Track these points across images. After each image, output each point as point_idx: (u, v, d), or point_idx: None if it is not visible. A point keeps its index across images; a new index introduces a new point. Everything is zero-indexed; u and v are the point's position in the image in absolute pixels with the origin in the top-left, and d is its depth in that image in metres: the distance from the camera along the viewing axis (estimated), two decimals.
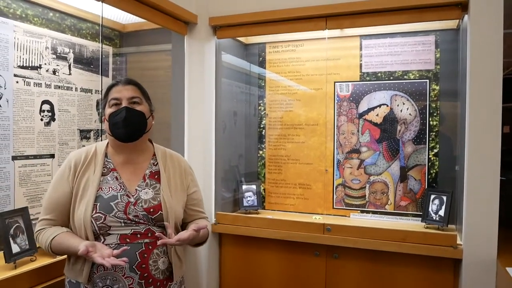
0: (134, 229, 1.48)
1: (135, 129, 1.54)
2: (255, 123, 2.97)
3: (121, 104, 1.53)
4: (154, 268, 1.48)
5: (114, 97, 1.55)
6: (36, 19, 2.07)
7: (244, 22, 2.51)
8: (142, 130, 1.56)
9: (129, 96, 1.54)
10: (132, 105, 1.54)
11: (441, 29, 2.45)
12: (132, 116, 1.52)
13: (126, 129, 1.51)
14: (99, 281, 1.44)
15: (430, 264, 2.17)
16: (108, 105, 1.56)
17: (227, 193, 2.81)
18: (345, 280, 2.35)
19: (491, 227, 1.96)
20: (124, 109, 1.51)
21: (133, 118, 1.52)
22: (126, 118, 1.50)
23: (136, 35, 2.73)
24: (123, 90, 1.55)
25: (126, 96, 1.54)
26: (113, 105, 1.54)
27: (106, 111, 1.56)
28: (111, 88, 1.58)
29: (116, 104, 1.54)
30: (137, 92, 1.58)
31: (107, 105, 1.57)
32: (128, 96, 1.54)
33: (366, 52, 2.63)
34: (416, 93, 2.51)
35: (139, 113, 1.54)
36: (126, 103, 1.53)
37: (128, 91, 1.56)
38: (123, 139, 1.53)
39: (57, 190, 1.52)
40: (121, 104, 1.53)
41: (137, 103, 1.56)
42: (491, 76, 1.96)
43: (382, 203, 2.60)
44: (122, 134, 1.52)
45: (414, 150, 2.52)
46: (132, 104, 1.55)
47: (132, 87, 1.58)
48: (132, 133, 1.53)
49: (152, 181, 1.58)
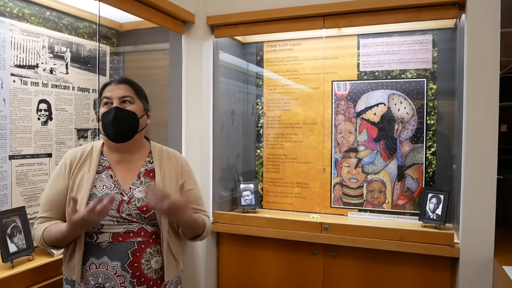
0: (127, 227, 1.47)
1: (125, 129, 1.52)
2: (253, 122, 2.96)
3: (112, 103, 1.52)
4: (146, 267, 1.47)
5: (105, 96, 1.54)
6: (33, 18, 2.06)
7: (242, 21, 2.51)
8: (133, 130, 1.55)
9: (120, 95, 1.53)
10: (123, 104, 1.53)
11: (439, 28, 2.46)
12: (122, 116, 1.50)
13: (115, 129, 1.50)
14: (91, 279, 1.43)
15: (427, 262, 2.17)
16: (102, 104, 1.55)
17: (225, 192, 2.81)
18: (343, 279, 2.36)
19: (488, 225, 1.97)
20: (114, 109, 1.50)
21: (123, 118, 1.51)
22: (115, 118, 1.49)
23: (133, 34, 2.72)
24: (115, 89, 1.54)
25: (118, 96, 1.53)
26: (105, 104, 1.54)
27: (100, 110, 1.56)
28: (105, 87, 1.58)
29: (107, 103, 1.53)
30: (130, 91, 1.56)
31: (101, 104, 1.56)
32: (120, 95, 1.53)
33: (363, 51, 2.63)
34: (413, 92, 2.51)
35: (130, 113, 1.53)
36: (117, 102, 1.52)
37: (120, 90, 1.54)
38: (114, 140, 1.53)
39: (53, 188, 1.52)
40: (112, 103, 1.52)
41: (129, 102, 1.54)
42: (488, 75, 1.97)
43: (379, 202, 2.60)
44: (112, 135, 1.51)
45: (412, 149, 2.52)
46: (123, 103, 1.53)
47: (124, 86, 1.56)
48: (122, 134, 1.52)
49: (147, 179, 1.56)
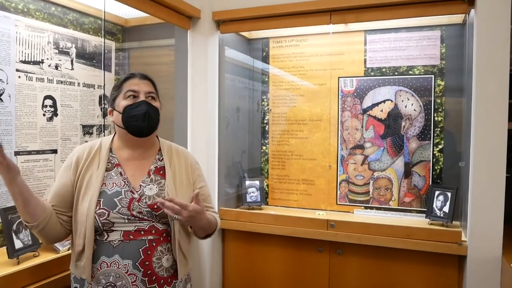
0: (137, 225, 1.46)
1: (152, 124, 1.53)
2: (258, 118, 2.95)
3: (138, 97, 1.52)
4: (157, 266, 1.46)
5: (131, 89, 1.52)
6: (38, 13, 2.05)
7: (248, 16, 2.49)
8: (156, 127, 1.56)
9: (147, 90, 1.54)
10: (149, 100, 1.54)
11: (447, 24, 2.43)
12: (151, 111, 1.51)
13: (144, 123, 1.49)
14: (102, 278, 1.42)
15: (434, 260, 2.16)
16: (123, 97, 1.53)
17: (230, 189, 2.81)
18: (348, 276, 2.35)
19: (496, 224, 1.95)
20: (144, 103, 1.50)
21: (152, 113, 1.51)
22: (146, 112, 1.49)
23: (138, 30, 2.71)
24: (141, 84, 1.54)
25: (145, 90, 1.53)
26: (129, 97, 1.52)
27: (119, 103, 1.53)
28: (127, 79, 1.56)
29: (134, 96, 1.52)
30: (153, 88, 1.58)
31: (120, 97, 1.54)
32: (146, 90, 1.54)
33: (370, 47, 2.61)
34: (421, 89, 2.48)
35: (156, 109, 1.54)
36: (144, 97, 1.52)
37: (146, 85, 1.55)
38: (139, 133, 1.51)
39: (59, 180, 1.53)
40: (138, 97, 1.52)
41: (154, 98, 1.56)
42: (498, 72, 1.94)
43: (386, 199, 2.59)
44: (139, 128, 1.50)
45: (419, 146, 2.50)
46: (150, 99, 1.54)
47: (148, 82, 1.57)
48: (149, 128, 1.52)
49: (157, 176, 1.56)
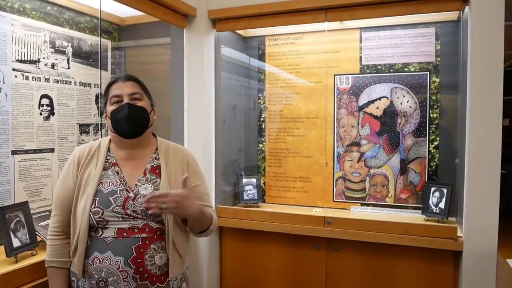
0: (132, 223, 1.47)
1: (138, 125, 1.54)
2: (255, 116, 2.96)
3: (122, 101, 1.54)
4: (150, 263, 1.47)
5: (115, 94, 1.55)
6: (34, 12, 2.05)
7: (244, 14, 2.49)
8: (145, 126, 1.57)
9: (130, 92, 1.55)
10: (133, 101, 1.55)
11: (442, 21, 2.44)
12: (135, 112, 1.52)
13: (129, 125, 1.51)
14: (95, 273, 1.44)
15: (430, 256, 2.17)
16: (109, 103, 1.56)
17: (227, 186, 2.81)
18: (345, 273, 2.36)
19: (491, 219, 1.97)
20: (126, 106, 1.52)
21: (136, 114, 1.53)
22: (128, 115, 1.50)
23: (134, 29, 2.71)
24: (124, 86, 1.56)
25: (127, 92, 1.54)
26: (114, 103, 1.54)
27: (107, 109, 1.56)
28: (111, 85, 1.58)
29: (118, 101, 1.54)
30: (138, 88, 1.58)
31: (108, 103, 1.57)
32: (129, 92, 1.55)
33: (366, 44, 2.62)
34: (416, 86, 2.50)
35: (141, 109, 1.55)
36: (128, 99, 1.53)
37: (129, 87, 1.56)
38: (127, 136, 1.54)
39: (63, 187, 1.55)
40: (122, 101, 1.54)
41: (138, 99, 1.57)
42: (492, 69, 1.95)
43: (382, 196, 2.60)
44: (125, 131, 1.52)
45: (414, 143, 2.51)
46: (134, 100, 1.55)
47: (132, 83, 1.58)
48: (135, 129, 1.54)
49: (153, 175, 1.57)
